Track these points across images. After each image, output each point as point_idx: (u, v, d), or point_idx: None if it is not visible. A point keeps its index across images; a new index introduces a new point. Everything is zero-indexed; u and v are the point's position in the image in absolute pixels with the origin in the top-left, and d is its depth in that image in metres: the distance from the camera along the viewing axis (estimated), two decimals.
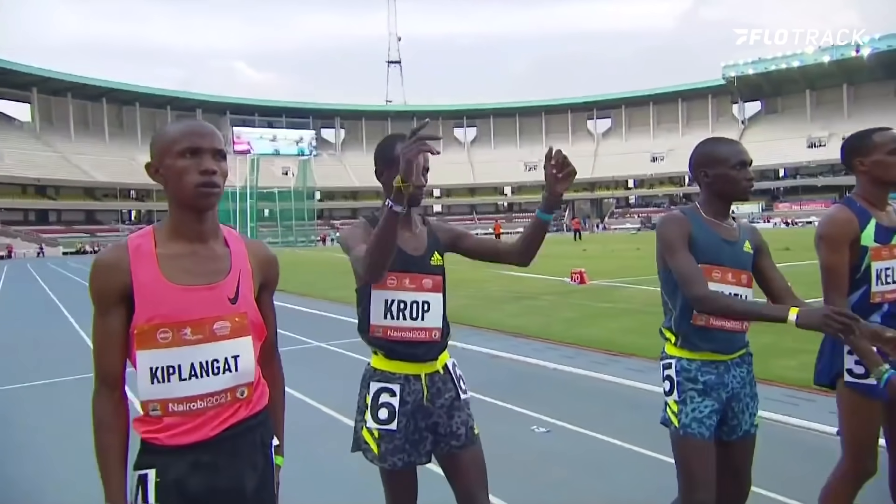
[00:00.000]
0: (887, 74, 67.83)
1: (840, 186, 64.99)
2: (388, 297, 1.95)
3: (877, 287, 2.27)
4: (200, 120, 1.52)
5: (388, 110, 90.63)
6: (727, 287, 2.10)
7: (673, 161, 76.70)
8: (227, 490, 1.40)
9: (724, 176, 2.08)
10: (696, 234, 2.09)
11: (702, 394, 2.07)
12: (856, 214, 2.28)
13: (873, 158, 2.28)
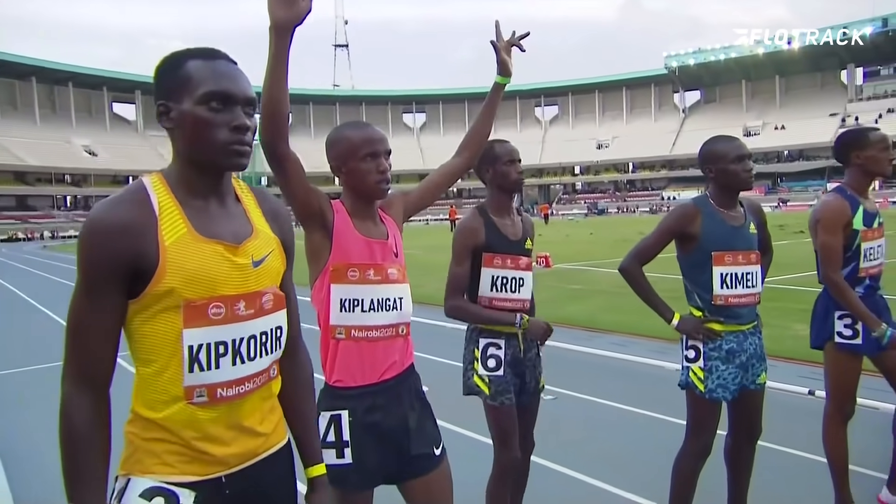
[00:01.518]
0: (815, 67, 71.55)
1: (772, 174, 68.43)
2: (494, 274, 2.36)
3: (863, 264, 2.69)
4: (371, 125, 1.79)
5: (335, 95, 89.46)
6: (740, 268, 2.39)
7: (618, 148, 78.86)
8: (395, 426, 1.71)
9: (725, 170, 2.38)
10: (705, 223, 2.38)
11: (725, 361, 2.39)
12: (847, 201, 2.68)
13: (868, 153, 2.69)
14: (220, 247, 1.19)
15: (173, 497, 1.16)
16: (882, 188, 58.41)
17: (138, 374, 1.19)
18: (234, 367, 1.19)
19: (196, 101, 1.17)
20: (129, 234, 1.12)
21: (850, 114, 67.39)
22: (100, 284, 1.12)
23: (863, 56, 68.15)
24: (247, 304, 1.20)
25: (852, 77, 71.45)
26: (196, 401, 1.16)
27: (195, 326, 1.15)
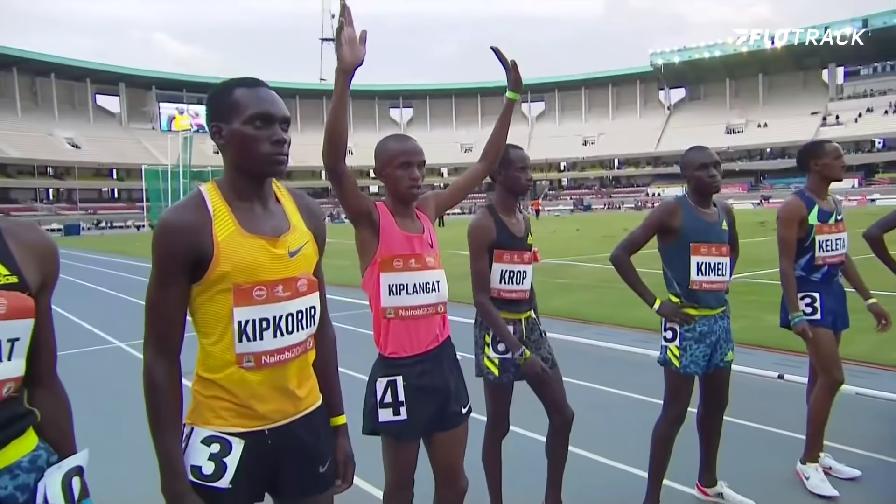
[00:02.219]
0: (797, 66, 72.51)
1: (755, 171, 69.39)
2: (503, 268, 2.65)
3: (819, 254, 3.18)
4: (411, 139, 2.10)
5: (322, 89, 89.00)
6: (713, 258, 2.79)
7: (603, 144, 79.42)
8: (439, 388, 2.05)
9: (693, 175, 2.81)
10: (685, 218, 2.78)
11: (698, 341, 2.78)
12: (805, 202, 3.20)
13: (824, 161, 3.20)
14: (262, 241, 1.45)
15: (227, 444, 1.43)
16: (861, 186, 59.56)
17: (200, 344, 1.47)
18: (275, 339, 1.45)
19: (243, 122, 1.43)
20: (190, 233, 1.39)
21: (831, 112, 68.49)
22: (169, 273, 1.39)
23: (843, 56, 69.14)
24: (284, 287, 1.46)
25: (833, 76, 72.57)
26: (245, 365, 1.43)
27: (243, 305, 1.41)
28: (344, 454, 1.68)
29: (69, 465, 1.24)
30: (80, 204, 61.84)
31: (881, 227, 3.50)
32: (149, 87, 75.28)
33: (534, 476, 2.95)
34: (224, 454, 1.42)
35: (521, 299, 2.69)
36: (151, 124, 73.80)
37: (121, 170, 68.04)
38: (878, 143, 64.03)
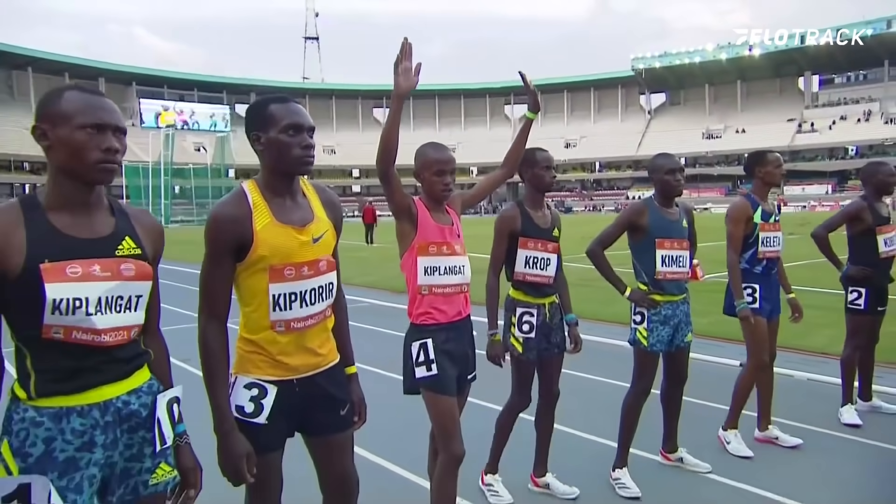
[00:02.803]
0: (775, 73, 73.92)
1: (732, 176, 70.44)
2: (528, 255, 2.99)
3: (762, 248, 3.68)
4: (447, 149, 2.51)
5: (305, 88, 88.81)
6: (675, 252, 3.22)
7: (585, 147, 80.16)
8: (460, 354, 2.49)
9: (660, 179, 3.24)
10: (652, 219, 3.22)
11: (662, 323, 3.25)
12: (750, 203, 3.71)
13: (766, 169, 3.71)
14: (291, 229, 1.79)
15: (263, 389, 1.80)
16: (835, 192, 60.90)
17: (242, 312, 1.85)
18: (301, 309, 1.81)
19: (279, 131, 1.77)
20: (235, 223, 1.73)
21: (806, 119, 69.91)
22: (219, 254, 1.75)
23: (819, 65, 70.72)
24: (308, 268, 1.81)
25: (809, 84, 74.10)
26: (277, 329, 1.79)
27: (276, 282, 1.76)
28: (358, 396, 2.06)
29: (171, 395, 1.61)
30: None
31: (826, 228, 4.16)
32: (129, 83, 74.34)
33: (521, 450, 3.26)
34: (261, 397, 1.79)
35: (544, 284, 3.04)
36: (131, 120, 72.85)
37: None
38: (852, 151, 65.46)
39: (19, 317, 1.41)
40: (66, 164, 1.44)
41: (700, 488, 3.28)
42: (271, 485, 1.85)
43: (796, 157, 67.59)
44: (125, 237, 1.51)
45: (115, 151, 1.47)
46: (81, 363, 1.43)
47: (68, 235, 1.43)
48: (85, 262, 1.42)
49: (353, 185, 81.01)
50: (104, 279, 1.44)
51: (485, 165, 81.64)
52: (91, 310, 1.41)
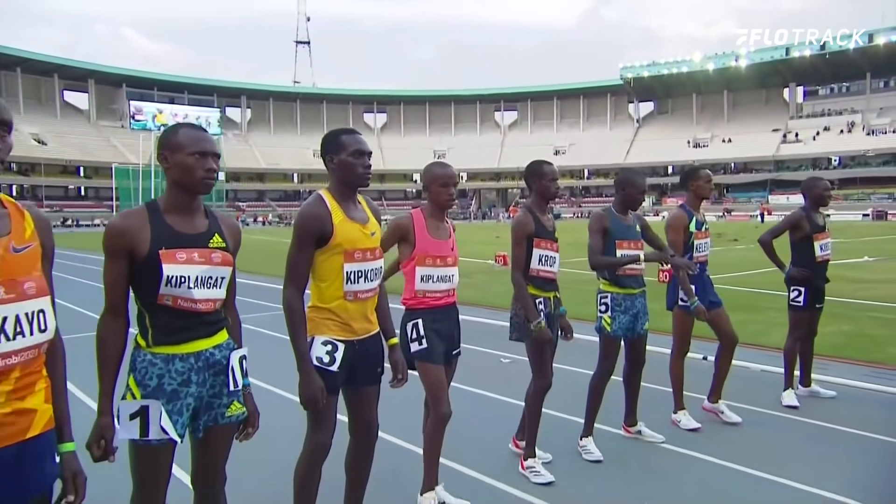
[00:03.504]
0: (760, 84, 74.96)
1: (719, 185, 71.31)
2: (541, 253, 3.44)
3: (695, 254, 4.25)
4: (450, 166, 3.01)
5: (297, 92, 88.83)
6: (632, 251, 3.73)
7: (574, 155, 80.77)
8: (446, 333, 3.01)
9: (630, 194, 3.79)
10: (612, 224, 3.75)
11: (623, 313, 3.76)
12: (687, 214, 4.27)
13: (698, 183, 4.32)
14: (358, 225, 2.47)
15: (335, 345, 2.43)
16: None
17: (317, 287, 2.47)
18: (365, 283, 2.47)
19: (348, 154, 2.44)
20: (319, 220, 2.39)
21: (791, 130, 70.94)
22: (304, 243, 2.40)
23: (803, 76, 71.85)
24: (370, 253, 2.49)
25: (793, 95, 75.13)
26: (348, 299, 2.44)
27: (349, 262, 2.42)
28: (395, 359, 2.72)
29: (241, 352, 2.10)
30: (46, 201, 60.57)
31: (771, 235, 4.76)
32: (119, 85, 74.12)
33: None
34: (334, 351, 2.42)
35: (552, 279, 3.51)
36: (121, 122, 72.66)
37: (88, 167, 66.94)
38: (835, 161, 66.54)
39: (143, 288, 1.93)
40: (180, 180, 1.97)
41: (655, 455, 3.79)
42: (331, 419, 2.47)
43: (781, 166, 68.63)
44: (215, 234, 2.03)
45: (214, 171, 2.00)
46: (183, 323, 1.95)
47: (178, 231, 1.95)
48: (188, 251, 1.95)
49: None
50: (200, 264, 1.96)
51: (474, 171, 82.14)
52: (191, 285, 1.93)
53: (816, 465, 3.61)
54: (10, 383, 1.49)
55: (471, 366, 4.00)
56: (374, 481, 2.73)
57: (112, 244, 1.91)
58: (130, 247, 1.89)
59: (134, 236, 1.90)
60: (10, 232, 1.53)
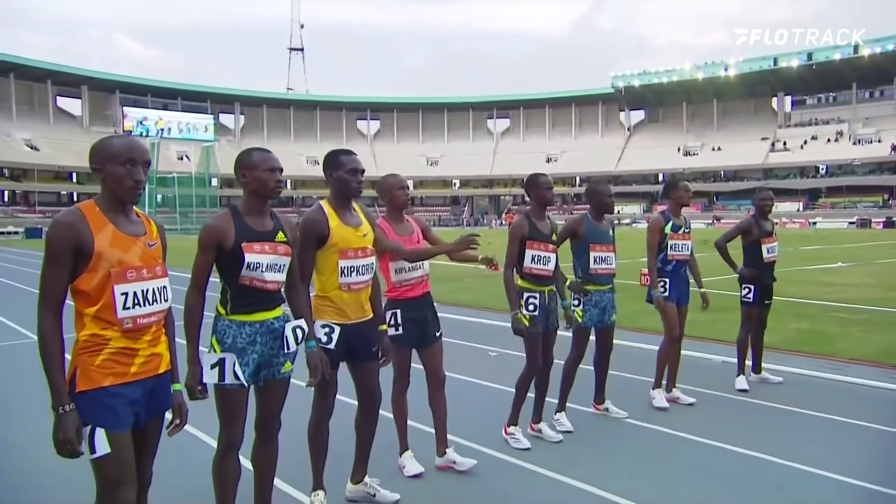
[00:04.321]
0: (749, 93, 75.89)
1: (709, 192, 72.31)
2: (533, 253, 3.93)
3: (671, 252, 4.80)
4: (398, 175, 3.49)
5: (290, 99, 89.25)
6: (604, 253, 4.29)
7: (566, 162, 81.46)
8: (422, 320, 3.53)
9: (602, 201, 4.36)
10: (588, 227, 4.31)
11: (594, 307, 4.35)
12: (664, 218, 4.83)
13: (678, 193, 4.85)
14: (351, 229, 2.98)
15: (332, 328, 2.95)
16: (806, 209, 62.81)
17: (318, 279, 2.98)
18: (357, 277, 2.99)
19: (345, 172, 2.98)
20: (319, 224, 2.93)
21: (780, 139, 71.86)
22: (307, 244, 2.91)
23: (791, 86, 72.87)
24: (361, 252, 3.02)
25: (782, 104, 76.10)
26: (343, 290, 2.97)
27: (343, 259, 2.94)
28: (386, 344, 3.25)
29: (295, 323, 2.69)
30: (39, 207, 60.71)
31: (725, 239, 5.36)
32: (112, 91, 74.21)
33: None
34: (331, 332, 2.95)
35: (545, 276, 3.99)
36: (114, 128, 72.75)
37: (81, 173, 66.91)
38: (822, 170, 67.50)
39: (228, 271, 2.56)
40: (256, 190, 2.60)
41: (619, 427, 4.41)
42: (333, 388, 3.04)
43: (769, 174, 69.49)
44: (279, 231, 2.65)
45: (281, 181, 2.63)
46: (254, 298, 2.58)
47: (254, 229, 2.58)
48: (260, 244, 2.57)
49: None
50: (269, 254, 2.58)
51: (467, 178, 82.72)
52: (263, 270, 2.56)
53: (763, 437, 4.16)
54: (150, 335, 2.17)
55: (465, 359, 5.01)
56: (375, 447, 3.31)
57: (206, 240, 2.53)
58: (220, 241, 2.52)
59: (224, 233, 2.52)
60: (146, 233, 2.19)
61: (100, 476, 2.06)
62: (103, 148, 2.13)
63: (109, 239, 2.06)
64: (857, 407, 4.72)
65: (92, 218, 2.06)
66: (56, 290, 2.02)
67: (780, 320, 7.91)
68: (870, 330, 7.60)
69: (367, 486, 3.25)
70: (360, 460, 3.27)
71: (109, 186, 2.11)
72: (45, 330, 2.02)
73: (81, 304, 2.06)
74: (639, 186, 74.61)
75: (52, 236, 2.02)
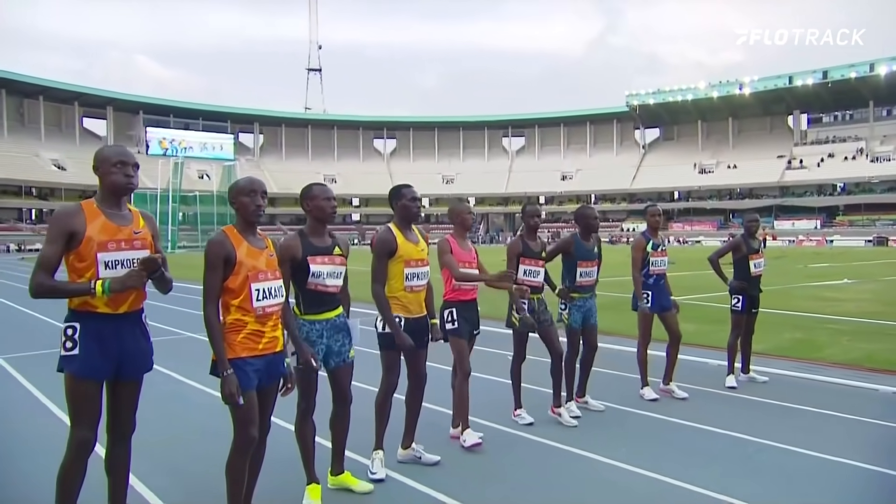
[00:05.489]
0: (764, 111, 75.93)
1: (724, 210, 72.18)
2: (525, 268, 4.77)
3: (651, 268, 5.51)
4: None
5: (308, 118, 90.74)
6: (588, 268, 5.02)
7: (581, 180, 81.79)
8: (471, 319, 4.39)
9: (588, 224, 5.09)
10: (577, 247, 5.02)
11: (578, 311, 5.06)
12: (646, 238, 5.54)
13: (651, 217, 5.64)
14: (412, 244, 3.77)
15: (400, 319, 3.73)
16: (823, 227, 62.44)
17: (388, 282, 3.73)
18: (417, 282, 3.79)
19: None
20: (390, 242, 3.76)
21: (796, 156, 71.61)
22: (381, 257, 3.73)
23: (807, 104, 72.77)
24: (420, 262, 3.82)
25: (797, 122, 75.88)
26: (407, 291, 3.77)
27: (407, 268, 3.74)
28: (436, 333, 3.98)
29: (357, 320, 3.44)
30: None
31: (717, 255, 6.04)
32: (136, 111, 76.19)
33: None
34: (400, 322, 3.72)
35: (536, 286, 4.79)
36: (137, 147, 74.58)
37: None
38: (839, 188, 67.19)
39: (299, 279, 3.27)
40: (317, 215, 3.33)
41: (618, 414, 5.04)
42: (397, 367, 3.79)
43: (786, 192, 69.30)
44: (336, 246, 3.38)
45: (335, 207, 3.37)
46: (319, 300, 3.31)
47: (317, 245, 3.31)
48: (322, 257, 3.31)
49: (352, 213, 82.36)
50: (329, 264, 3.31)
51: (482, 196, 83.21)
52: (325, 277, 3.29)
53: (741, 422, 4.73)
54: (273, 320, 2.91)
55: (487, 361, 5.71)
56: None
57: (283, 256, 3.18)
58: (293, 257, 3.25)
59: (296, 251, 3.27)
60: (266, 247, 2.96)
61: (236, 419, 2.83)
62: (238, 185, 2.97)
63: (245, 252, 2.86)
64: (830, 400, 5.33)
65: (234, 238, 2.86)
66: (214, 289, 2.80)
67: (777, 330, 8.35)
68: (857, 339, 8.07)
69: (414, 450, 3.98)
70: (409, 430, 3.98)
71: (243, 215, 2.93)
72: (211, 317, 2.77)
73: (228, 297, 2.83)
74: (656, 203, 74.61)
75: (209, 251, 2.81)
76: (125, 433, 2.79)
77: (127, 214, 2.77)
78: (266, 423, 2.99)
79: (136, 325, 2.74)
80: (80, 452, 2.61)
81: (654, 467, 3.79)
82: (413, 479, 3.67)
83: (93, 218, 2.65)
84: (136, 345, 2.72)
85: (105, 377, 2.66)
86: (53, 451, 2.81)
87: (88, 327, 2.60)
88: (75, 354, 2.59)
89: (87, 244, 2.60)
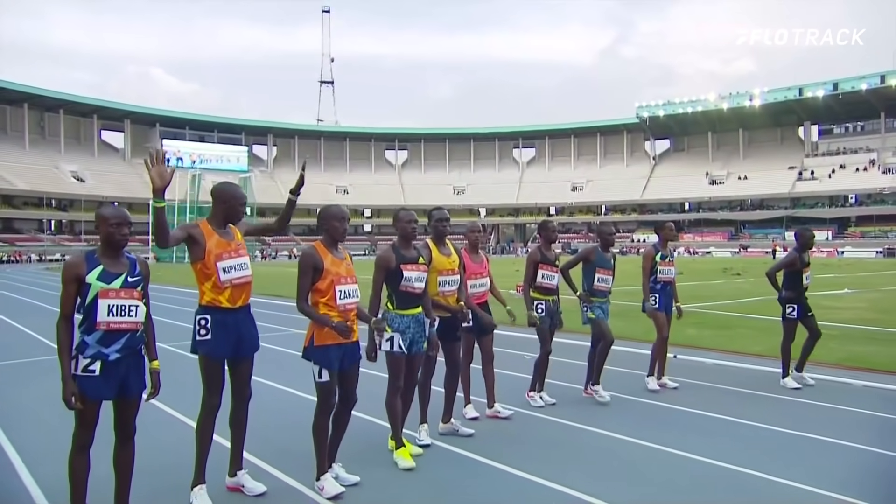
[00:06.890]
0: (775, 122, 75.97)
1: (735, 221, 72.21)
2: (542, 273, 5.52)
3: (659, 276, 6.26)
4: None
5: (321, 130, 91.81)
6: (605, 275, 5.79)
7: (591, 191, 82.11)
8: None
9: (606, 239, 5.92)
10: (597, 256, 5.81)
11: (597, 310, 5.79)
12: (655, 249, 6.25)
13: (665, 232, 6.32)
14: (444, 256, 4.53)
15: (437, 318, 4.47)
16: (835, 238, 62.27)
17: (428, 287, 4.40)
18: (448, 287, 4.56)
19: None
20: (427, 254, 4.43)
21: (807, 168, 71.53)
22: (382, 273, 4.21)
23: (817, 115, 72.75)
24: (452, 272, 4.61)
25: (808, 134, 75.85)
26: (440, 294, 4.53)
27: (440, 276, 4.48)
28: (434, 336, 4.39)
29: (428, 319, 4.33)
30: (84, 235, 63.36)
31: (774, 269, 6.47)
32: (153, 124, 77.58)
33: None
34: (434, 322, 4.41)
35: (551, 289, 5.58)
36: None
37: (123, 203, 69.43)
38: (851, 199, 67.06)
39: (394, 282, 4.12)
40: (404, 235, 4.18)
41: (625, 402, 5.73)
42: (434, 361, 4.56)
43: (797, 203, 69.21)
44: (420, 256, 4.25)
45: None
46: (409, 299, 4.14)
47: (406, 255, 4.16)
48: (411, 265, 4.17)
49: (364, 224, 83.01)
50: (416, 270, 4.16)
51: (493, 206, 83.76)
52: (414, 280, 4.11)
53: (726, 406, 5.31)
54: (351, 317, 3.66)
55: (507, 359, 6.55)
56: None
57: (380, 265, 4.06)
58: (388, 266, 4.08)
59: (390, 261, 4.09)
60: (345, 258, 3.69)
61: (320, 392, 3.58)
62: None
63: (330, 261, 3.60)
64: (809, 391, 6.18)
65: (321, 250, 3.60)
66: (305, 289, 3.54)
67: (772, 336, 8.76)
68: (845, 342, 8.64)
69: (452, 424, 4.77)
70: (448, 406, 4.77)
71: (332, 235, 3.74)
72: (305, 308, 3.54)
73: (317, 296, 3.56)
74: (665, 215, 74.66)
75: (302, 261, 3.55)
76: (244, 398, 3.61)
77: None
78: (353, 395, 3.75)
79: (248, 316, 3.56)
80: (211, 412, 3.48)
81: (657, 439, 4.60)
82: (453, 445, 4.52)
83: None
84: (249, 331, 3.55)
85: (227, 356, 3.46)
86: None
87: (216, 318, 3.42)
88: (208, 339, 3.40)
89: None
